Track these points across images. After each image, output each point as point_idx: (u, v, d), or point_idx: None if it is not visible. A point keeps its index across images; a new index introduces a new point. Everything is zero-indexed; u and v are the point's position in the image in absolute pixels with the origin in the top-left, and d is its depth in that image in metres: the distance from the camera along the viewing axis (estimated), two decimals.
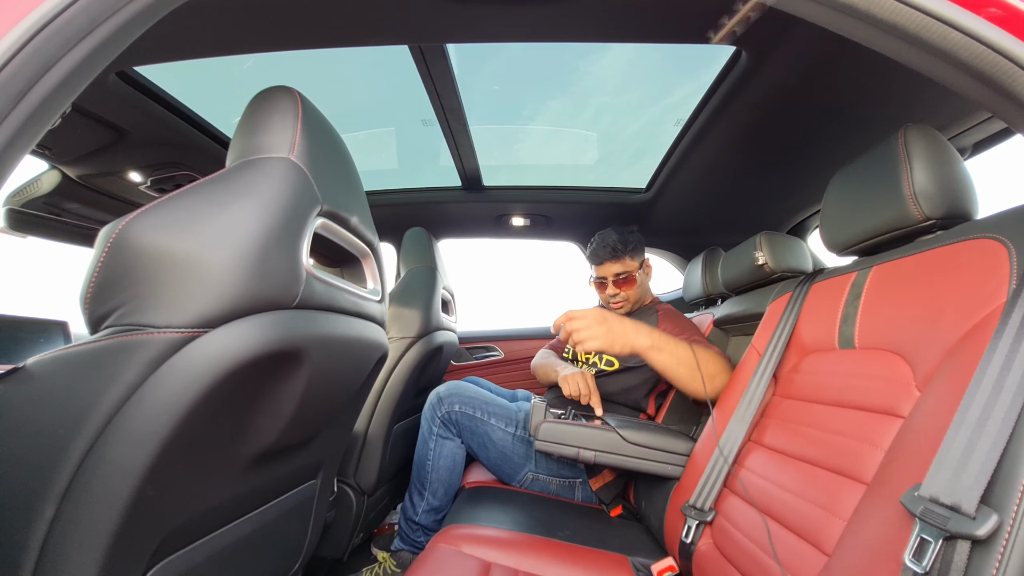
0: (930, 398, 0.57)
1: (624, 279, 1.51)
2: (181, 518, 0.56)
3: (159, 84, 1.18)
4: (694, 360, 1.08)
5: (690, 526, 0.89)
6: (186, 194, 0.53)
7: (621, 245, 1.50)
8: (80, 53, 0.38)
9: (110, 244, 0.49)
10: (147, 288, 0.49)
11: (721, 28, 0.88)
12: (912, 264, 0.71)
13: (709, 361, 1.10)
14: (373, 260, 0.89)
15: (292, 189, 0.60)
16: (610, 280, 1.53)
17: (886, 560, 0.48)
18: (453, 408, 1.36)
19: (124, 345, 0.47)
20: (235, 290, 0.51)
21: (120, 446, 0.46)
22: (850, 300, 0.81)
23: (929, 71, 0.51)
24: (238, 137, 0.63)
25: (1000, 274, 0.55)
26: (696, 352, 1.09)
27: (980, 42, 0.45)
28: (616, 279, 1.52)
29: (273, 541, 0.82)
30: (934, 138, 0.74)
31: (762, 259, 1.20)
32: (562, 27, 0.95)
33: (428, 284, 1.53)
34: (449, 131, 1.39)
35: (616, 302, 1.55)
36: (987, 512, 0.40)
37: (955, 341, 0.57)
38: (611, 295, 1.54)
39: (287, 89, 0.67)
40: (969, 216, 0.71)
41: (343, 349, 0.73)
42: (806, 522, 0.66)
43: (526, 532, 1.03)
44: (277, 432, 0.67)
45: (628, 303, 1.54)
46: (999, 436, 0.43)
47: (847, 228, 0.86)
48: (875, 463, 0.60)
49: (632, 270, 1.51)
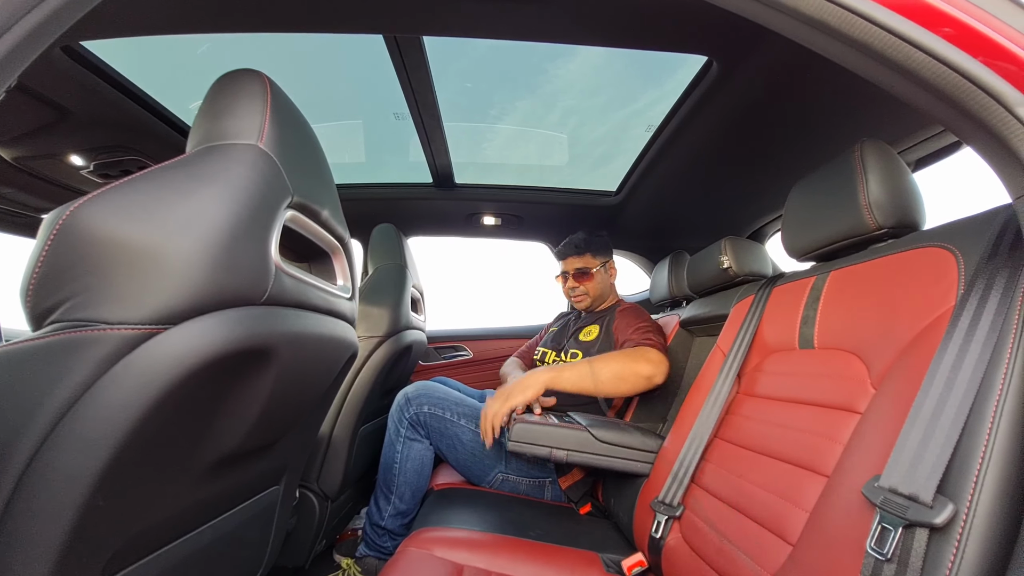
0: (885, 395, 0.60)
1: (584, 274, 1.62)
2: (135, 529, 0.52)
3: (108, 61, 1.09)
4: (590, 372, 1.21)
5: (659, 521, 0.91)
6: (144, 179, 0.49)
7: (584, 243, 1.63)
8: (30, 23, 0.34)
9: (56, 231, 0.45)
10: (99, 280, 0.44)
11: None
12: (867, 270, 0.76)
13: (609, 365, 1.22)
14: (343, 255, 0.86)
15: (261, 178, 0.57)
16: (571, 274, 1.64)
17: (848, 547, 0.51)
18: (422, 409, 1.33)
19: (72, 342, 0.43)
20: (199, 283, 0.48)
21: (68, 452, 0.42)
22: (809, 303, 0.85)
23: (891, 87, 0.54)
24: (201, 121, 0.59)
25: (949, 280, 0.59)
26: (593, 364, 1.22)
27: (939, 61, 0.49)
28: (576, 273, 1.63)
29: (233, 551, 0.78)
30: (887, 152, 0.79)
31: (727, 263, 1.25)
32: (541, 27, 0.95)
33: (397, 282, 1.49)
34: (422, 126, 1.37)
35: (576, 296, 1.66)
36: (943, 501, 0.43)
37: (907, 342, 0.61)
38: (571, 288, 1.65)
39: (255, 72, 0.64)
40: (918, 226, 0.77)
41: (313, 348, 0.70)
42: (770, 514, 0.69)
43: (497, 533, 1.03)
44: (241, 436, 0.63)
45: (588, 298, 1.64)
46: (952, 430, 0.46)
47: (806, 235, 0.90)
48: (835, 456, 0.63)
49: (592, 267, 1.62)
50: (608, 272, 1.67)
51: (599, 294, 1.64)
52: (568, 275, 1.65)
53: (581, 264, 1.63)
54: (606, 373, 1.21)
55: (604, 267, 1.65)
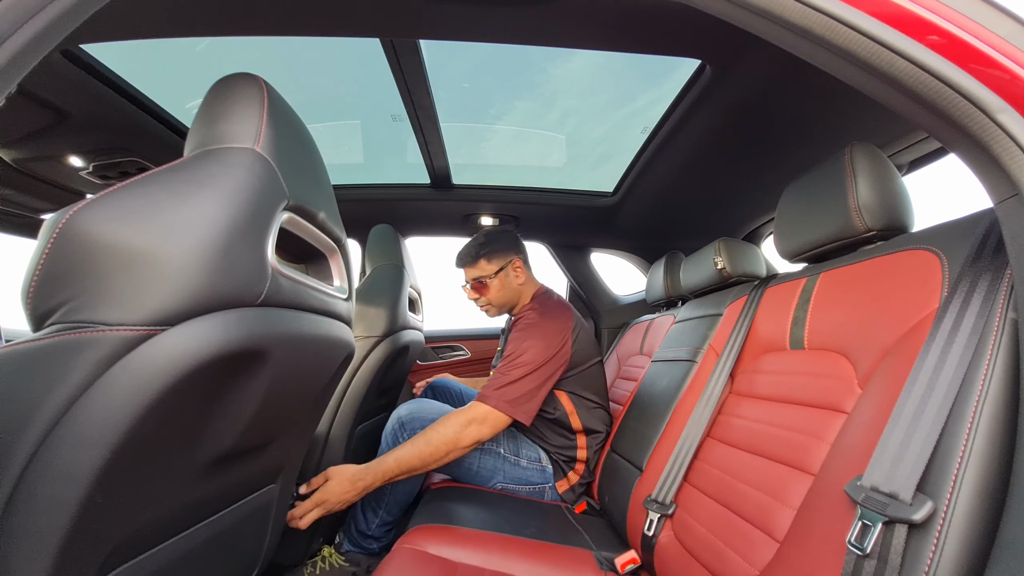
0: (870, 395, 0.61)
1: (481, 284, 1.47)
2: (132, 526, 0.53)
3: (106, 64, 1.10)
4: (421, 453, 1.13)
5: (652, 519, 0.92)
6: (141, 183, 0.50)
7: (476, 249, 1.47)
8: (31, 30, 0.35)
9: (56, 234, 0.46)
10: (98, 282, 0.45)
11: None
12: (855, 271, 0.77)
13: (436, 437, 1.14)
14: (340, 257, 0.87)
15: (258, 181, 0.57)
16: (468, 287, 1.51)
17: (831, 544, 0.52)
18: (416, 432, 1.29)
19: (71, 344, 0.43)
20: (196, 285, 0.49)
21: (67, 451, 0.42)
22: (800, 304, 0.86)
23: (875, 94, 0.55)
24: (198, 125, 0.60)
25: (933, 282, 0.60)
26: (416, 442, 1.14)
27: (922, 68, 0.50)
28: (473, 284, 1.49)
29: (230, 548, 0.78)
30: (877, 156, 0.80)
31: (721, 263, 1.26)
32: (535, 31, 0.96)
33: (395, 282, 1.50)
34: (419, 127, 1.38)
35: (481, 307, 1.53)
36: (923, 499, 0.44)
37: (892, 342, 0.62)
38: (473, 300, 1.52)
39: (251, 76, 0.64)
40: (906, 228, 0.78)
41: (309, 348, 0.71)
42: (759, 512, 0.70)
43: (491, 530, 1.04)
44: (236, 435, 0.64)
45: (493, 307, 1.50)
46: (932, 430, 0.47)
47: (797, 237, 0.91)
48: (821, 456, 0.64)
49: (486, 275, 1.46)
50: (513, 273, 1.47)
51: (504, 301, 1.49)
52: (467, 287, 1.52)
53: (475, 273, 1.47)
54: (417, 461, 1.12)
55: (505, 270, 1.46)
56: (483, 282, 1.47)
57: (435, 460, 1.14)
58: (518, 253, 1.50)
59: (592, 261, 2.38)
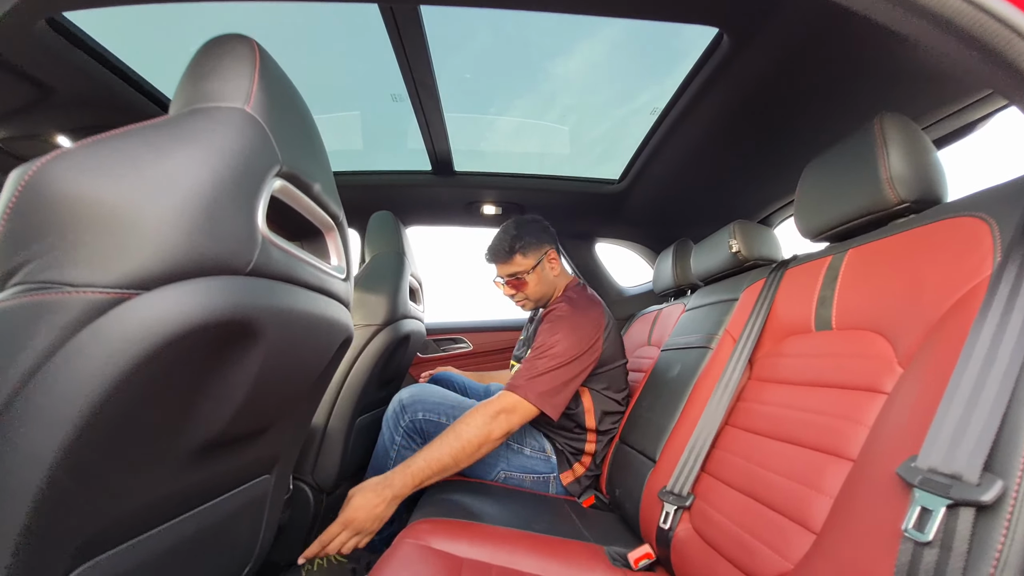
0: (915, 372, 0.56)
1: (517, 280, 1.41)
2: (110, 515, 0.48)
3: (94, 36, 1.05)
4: (452, 449, 1.05)
5: (668, 512, 0.87)
6: (119, 137, 0.45)
7: (510, 244, 1.39)
8: None
9: (21, 188, 0.41)
10: (65, 240, 0.40)
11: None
12: (889, 245, 0.72)
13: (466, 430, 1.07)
14: (337, 234, 0.82)
15: (248, 142, 0.53)
16: (504, 283, 1.45)
17: (881, 533, 0.47)
18: (417, 416, 1.27)
19: (34, 305, 0.39)
20: (176, 247, 0.44)
21: (28, 427, 0.38)
22: (827, 283, 0.81)
23: (926, 39, 0.50)
24: (184, 84, 0.55)
25: (983, 249, 0.55)
26: (445, 438, 1.07)
27: (978, 7, 0.45)
28: (509, 280, 1.43)
29: (220, 542, 0.74)
30: (909, 125, 0.75)
31: (736, 247, 1.21)
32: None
33: (395, 270, 1.45)
34: (420, 107, 1.32)
35: (518, 303, 1.48)
36: (991, 479, 0.40)
37: (937, 316, 0.57)
38: (509, 296, 1.47)
39: (243, 36, 0.59)
40: (940, 200, 0.73)
41: (304, 326, 0.66)
42: (790, 501, 0.65)
43: (498, 525, 0.99)
44: (226, 420, 0.59)
45: (530, 302, 1.46)
46: (997, 404, 0.42)
47: (822, 213, 0.87)
48: (859, 439, 0.60)
49: (523, 270, 1.39)
50: (549, 265, 1.42)
51: (542, 295, 1.44)
52: (501, 283, 1.46)
53: (511, 269, 1.40)
54: (449, 459, 1.05)
55: (541, 263, 1.40)
56: (520, 278, 1.40)
57: (467, 456, 1.06)
58: (552, 243, 1.44)
59: (597, 252, 2.33)
